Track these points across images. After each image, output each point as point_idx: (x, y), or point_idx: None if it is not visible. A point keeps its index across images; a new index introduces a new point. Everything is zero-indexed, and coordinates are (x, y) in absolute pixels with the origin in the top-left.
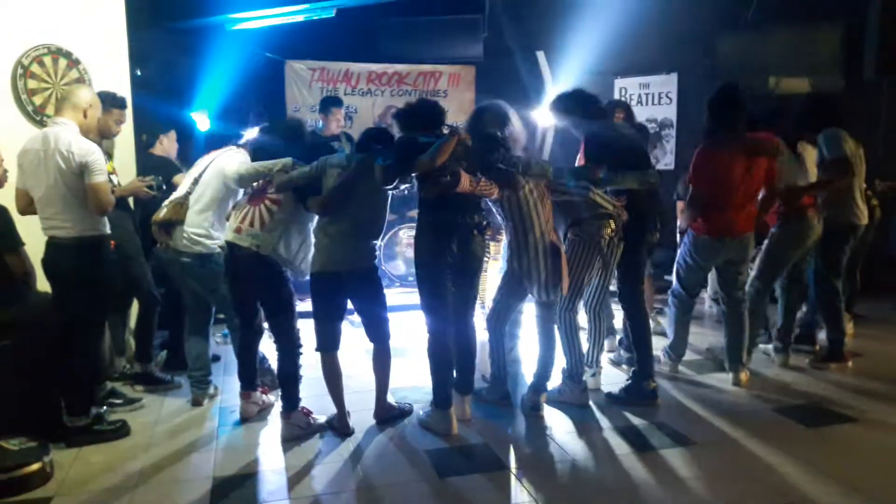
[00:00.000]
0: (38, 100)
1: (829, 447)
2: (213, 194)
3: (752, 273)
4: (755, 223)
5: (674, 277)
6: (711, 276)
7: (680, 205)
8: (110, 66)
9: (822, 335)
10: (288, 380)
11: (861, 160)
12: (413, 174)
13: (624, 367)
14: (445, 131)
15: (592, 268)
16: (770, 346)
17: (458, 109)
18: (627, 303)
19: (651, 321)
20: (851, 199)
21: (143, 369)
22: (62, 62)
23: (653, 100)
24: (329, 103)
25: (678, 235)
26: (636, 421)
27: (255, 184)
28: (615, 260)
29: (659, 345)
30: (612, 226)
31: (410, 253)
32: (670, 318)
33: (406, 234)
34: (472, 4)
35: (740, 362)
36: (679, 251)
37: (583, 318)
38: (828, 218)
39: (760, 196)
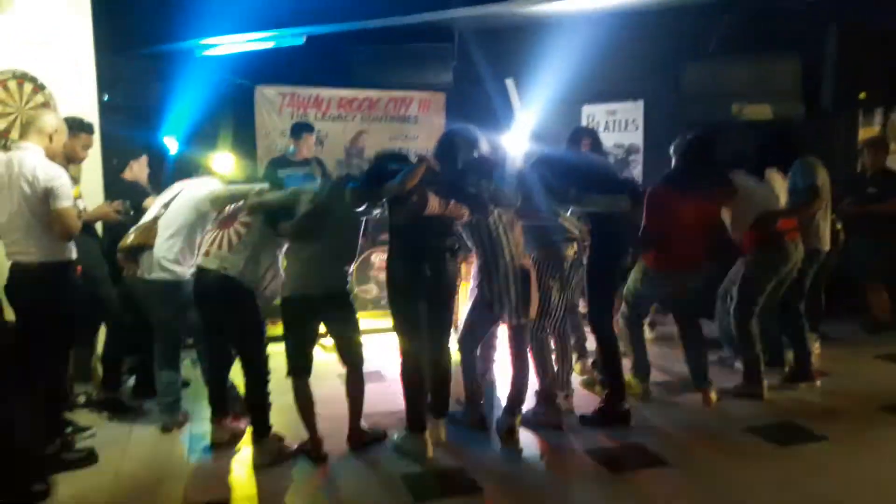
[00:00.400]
0: (2, 124)
1: (802, 466)
2: (183, 220)
3: (732, 303)
4: (703, 259)
5: (623, 303)
6: None
7: None
8: (77, 91)
9: (790, 355)
10: (257, 406)
11: (830, 188)
12: (383, 198)
13: (598, 388)
14: (415, 159)
15: (553, 288)
16: (738, 364)
17: (428, 135)
18: (597, 325)
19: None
20: (816, 226)
21: (111, 395)
22: (28, 87)
23: (620, 126)
24: (300, 129)
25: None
26: (609, 443)
27: (227, 208)
28: (573, 281)
29: (629, 365)
30: (574, 248)
31: (382, 276)
32: (625, 340)
33: (378, 258)
34: (441, 33)
35: (706, 382)
36: (630, 278)
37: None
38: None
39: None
